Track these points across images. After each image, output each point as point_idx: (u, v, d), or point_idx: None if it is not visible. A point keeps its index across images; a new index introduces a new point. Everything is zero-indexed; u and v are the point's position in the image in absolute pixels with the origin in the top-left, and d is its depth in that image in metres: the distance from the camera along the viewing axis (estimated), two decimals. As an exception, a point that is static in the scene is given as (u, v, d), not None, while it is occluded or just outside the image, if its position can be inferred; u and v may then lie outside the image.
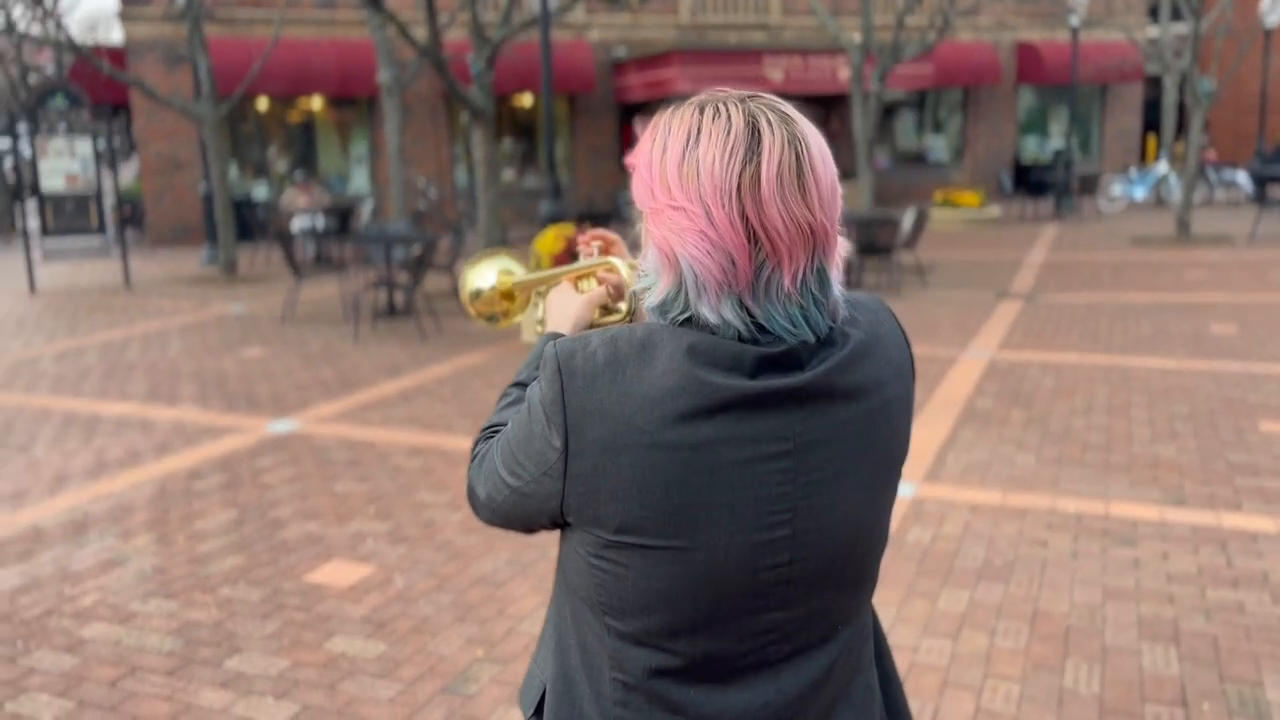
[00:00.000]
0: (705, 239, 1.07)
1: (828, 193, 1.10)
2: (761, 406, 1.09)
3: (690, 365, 1.08)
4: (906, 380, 1.24)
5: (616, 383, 1.09)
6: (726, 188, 1.06)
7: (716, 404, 1.08)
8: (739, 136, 1.07)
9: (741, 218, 1.06)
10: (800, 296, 1.10)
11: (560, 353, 1.13)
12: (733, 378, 1.09)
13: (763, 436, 1.09)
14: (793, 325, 1.10)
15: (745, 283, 1.08)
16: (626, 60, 20.84)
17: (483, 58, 11.05)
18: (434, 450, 5.71)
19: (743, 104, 1.11)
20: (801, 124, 1.12)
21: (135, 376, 7.71)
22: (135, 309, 10.92)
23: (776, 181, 1.06)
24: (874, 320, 1.23)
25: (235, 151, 19.00)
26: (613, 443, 1.09)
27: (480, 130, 11.18)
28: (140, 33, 17.70)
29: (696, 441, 1.08)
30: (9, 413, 6.74)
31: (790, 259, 1.08)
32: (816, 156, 1.09)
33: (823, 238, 1.10)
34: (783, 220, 1.06)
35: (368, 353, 8.38)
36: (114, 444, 5.96)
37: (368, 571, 4.14)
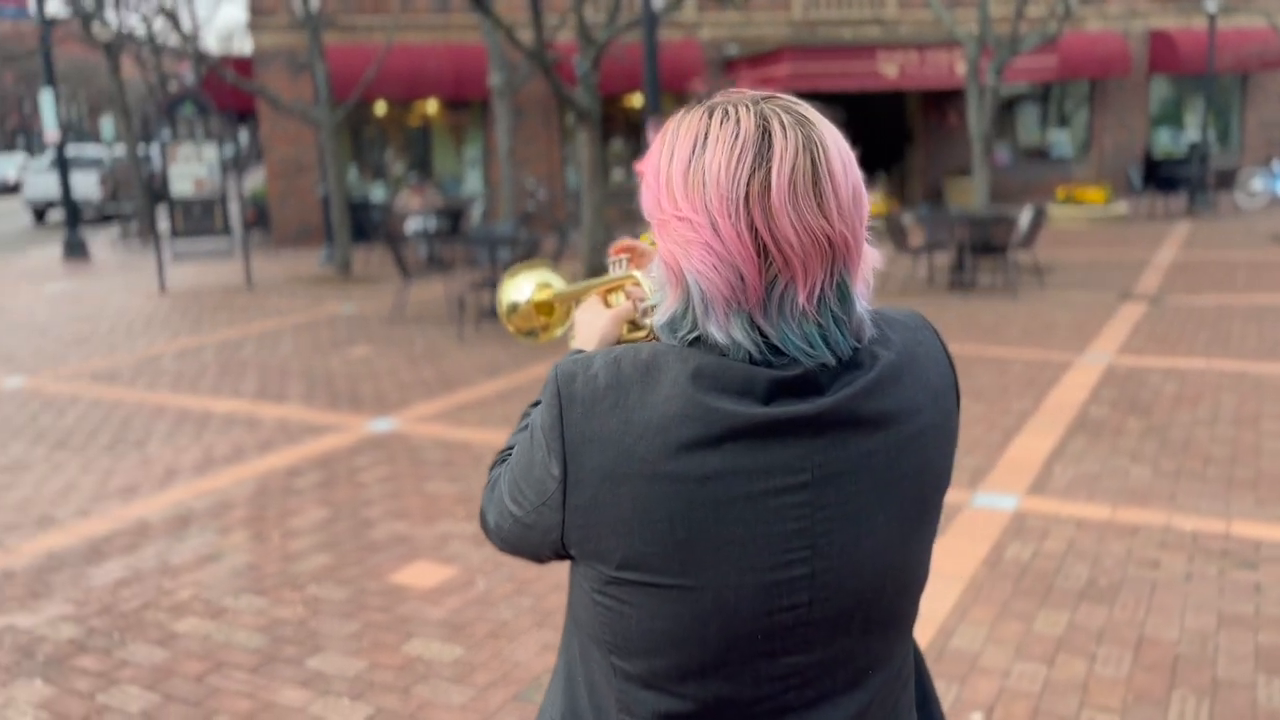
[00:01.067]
0: (711, 252, 0.99)
1: (848, 201, 1.01)
2: (775, 435, 1.01)
3: (695, 390, 1.00)
4: (947, 405, 1.14)
5: (618, 408, 1.02)
6: (733, 196, 0.98)
7: (724, 432, 1.00)
8: (748, 141, 0.99)
9: (750, 229, 0.98)
10: (818, 315, 1.01)
11: (560, 375, 1.07)
12: (743, 404, 1.00)
13: (777, 468, 1.01)
14: (810, 346, 1.01)
15: (756, 300, 1.00)
16: (737, 58, 20.68)
17: (588, 59, 11.08)
18: (526, 452, 5.71)
19: (755, 106, 1.03)
20: (820, 126, 1.02)
21: (247, 374, 7.98)
22: (254, 308, 11.32)
23: (789, 189, 0.98)
24: (910, 340, 1.13)
25: (355, 155, 19.56)
26: (613, 472, 1.01)
27: (586, 131, 11.22)
28: (266, 42, 18.37)
29: (702, 473, 0.99)
30: (129, 409, 7.04)
31: (806, 274, 0.99)
32: (835, 162, 1.00)
33: (843, 250, 1.01)
34: (795, 231, 0.98)
35: (470, 353, 8.49)
36: (221, 441, 6.16)
37: (451, 573, 4.15)
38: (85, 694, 3.31)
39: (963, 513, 4.63)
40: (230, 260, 13.51)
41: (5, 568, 4.35)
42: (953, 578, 3.97)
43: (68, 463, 5.83)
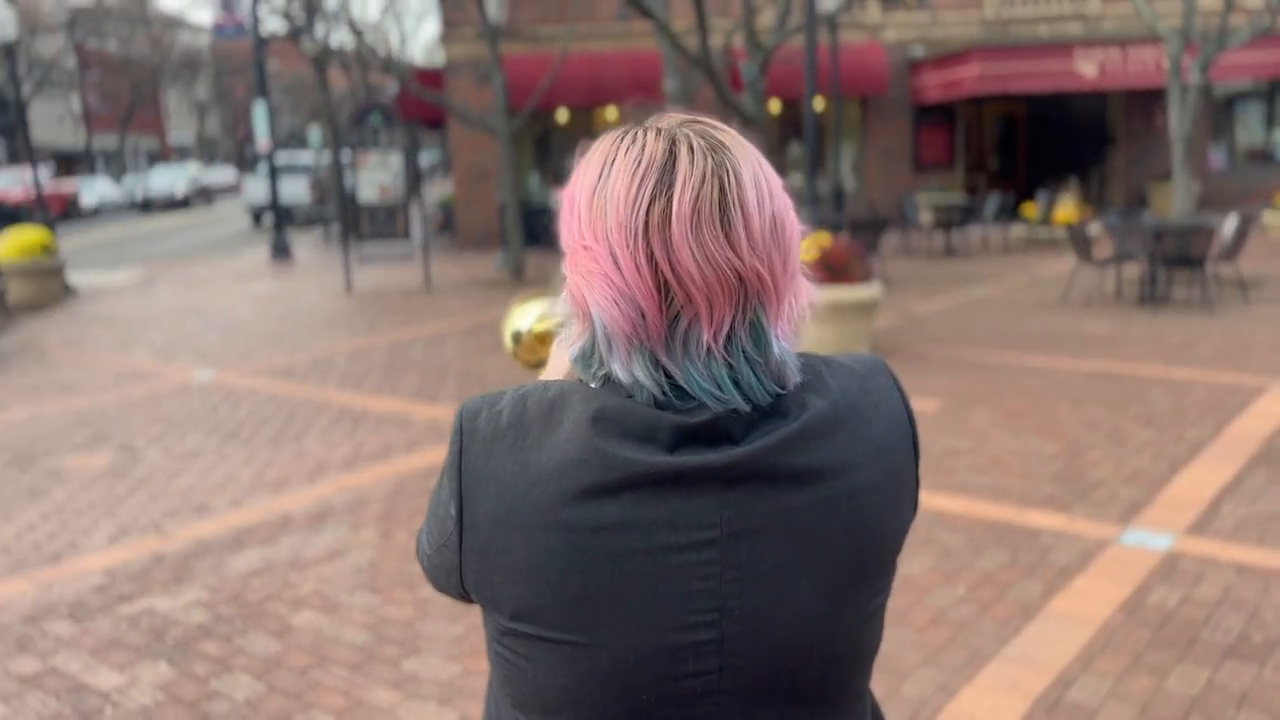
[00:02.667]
0: (611, 285, 0.93)
1: (763, 233, 0.93)
2: (678, 486, 0.93)
3: (595, 434, 0.93)
4: (894, 462, 1.03)
5: (515, 449, 0.96)
6: (632, 226, 0.91)
7: (622, 481, 0.92)
8: (651, 166, 0.92)
9: (649, 260, 0.91)
10: (727, 355, 0.93)
11: (465, 411, 1.02)
12: (644, 451, 0.93)
13: (680, 521, 0.93)
14: (718, 389, 0.93)
15: (658, 337, 0.92)
16: (923, 60, 20.03)
17: (756, 63, 10.97)
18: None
19: (669, 129, 0.96)
20: (736, 152, 0.94)
21: (410, 374, 8.30)
22: (429, 310, 11.80)
23: (691, 219, 0.90)
24: (854, 388, 1.03)
25: (539, 162, 20.12)
26: (506, 518, 0.96)
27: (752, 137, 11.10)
28: (456, 53, 19.15)
29: (598, 523, 0.92)
30: (297, 404, 7.46)
31: (711, 310, 0.92)
32: (749, 190, 0.92)
33: (755, 286, 0.93)
34: (698, 264, 0.90)
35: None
36: (372, 439, 6.43)
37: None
38: (201, 678, 3.50)
39: (1106, 550, 4.28)
40: (415, 263, 14.11)
41: (157, 552, 4.67)
42: (1081, 621, 3.67)
43: (234, 454, 6.22)
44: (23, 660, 3.68)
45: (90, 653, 3.72)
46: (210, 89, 52.10)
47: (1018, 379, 7.44)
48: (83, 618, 4.01)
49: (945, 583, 4.05)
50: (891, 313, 10.44)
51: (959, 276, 13.35)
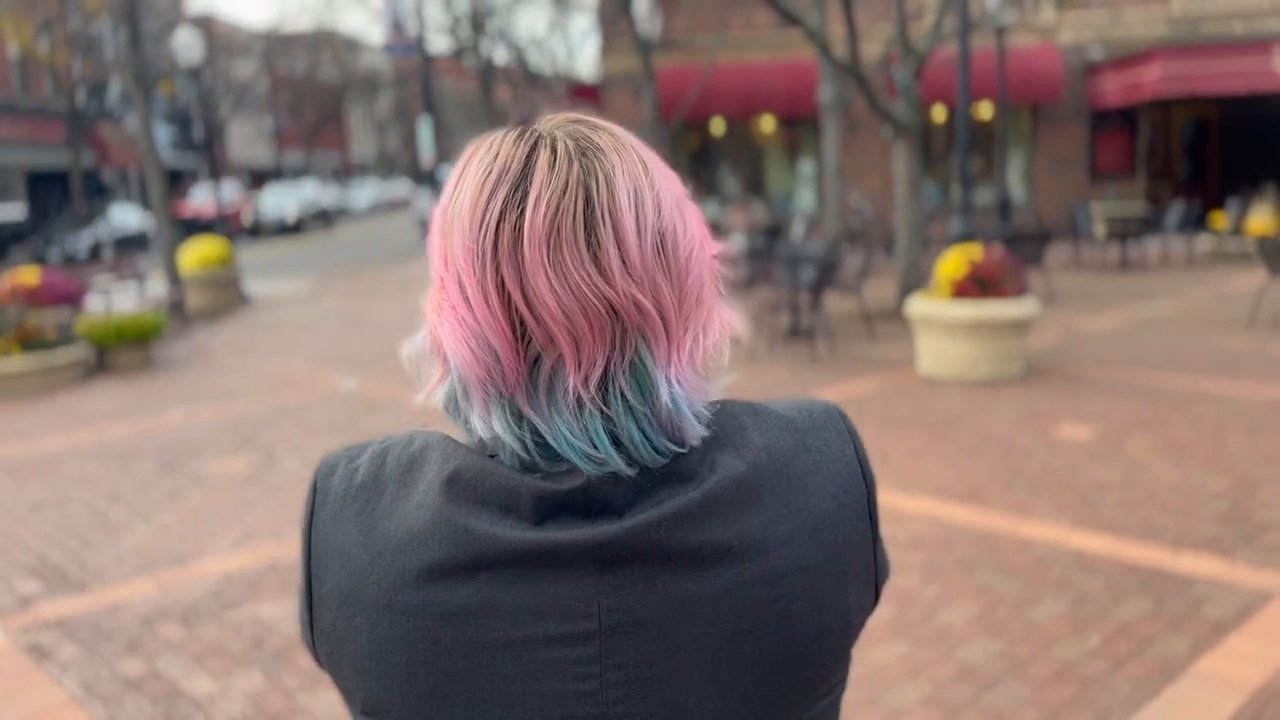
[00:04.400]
0: (461, 320, 0.77)
1: (644, 255, 0.76)
2: (545, 567, 0.76)
3: (445, 501, 0.78)
4: (840, 537, 0.83)
5: (364, 515, 0.81)
6: (479, 249, 0.76)
7: (475, 559, 0.76)
8: (503, 176, 0.76)
9: (499, 290, 0.75)
10: (604, 405, 0.76)
11: (322, 467, 0.88)
12: (503, 524, 0.76)
13: (549, 610, 0.76)
14: (592, 447, 0.76)
15: (517, 383, 0.77)
16: (1101, 63, 18.92)
17: (909, 69, 10.55)
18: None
19: (532, 132, 0.80)
20: (614, 157, 0.77)
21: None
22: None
23: (547, 238, 0.74)
24: (787, 445, 0.84)
25: (693, 173, 20.06)
26: (350, 596, 0.81)
27: (904, 145, 10.68)
28: (613, 66, 19.32)
29: (448, 609, 0.76)
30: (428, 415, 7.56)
31: (578, 350, 0.75)
32: (624, 202, 0.75)
33: (635, 320, 0.76)
34: (555, 293, 0.74)
35: (756, 375, 8.32)
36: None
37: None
38: (288, 692, 3.51)
39: (1270, 605, 3.80)
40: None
41: (274, 559, 4.76)
42: (1232, 686, 3.25)
43: (362, 463, 6.33)
44: (130, 662, 3.79)
45: (193, 657, 3.79)
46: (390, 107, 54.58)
47: (1187, 405, 6.81)
48: (192, 622, 4.11)
49: (1075, 632, 3.68)
50: (1052, 330, 9.81)
51: (1133, 292, 12.47)
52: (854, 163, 18.51)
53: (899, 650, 3.61)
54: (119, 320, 10.00)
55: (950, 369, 7.76)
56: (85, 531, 5.26)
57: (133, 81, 13.31)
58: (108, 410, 8.28)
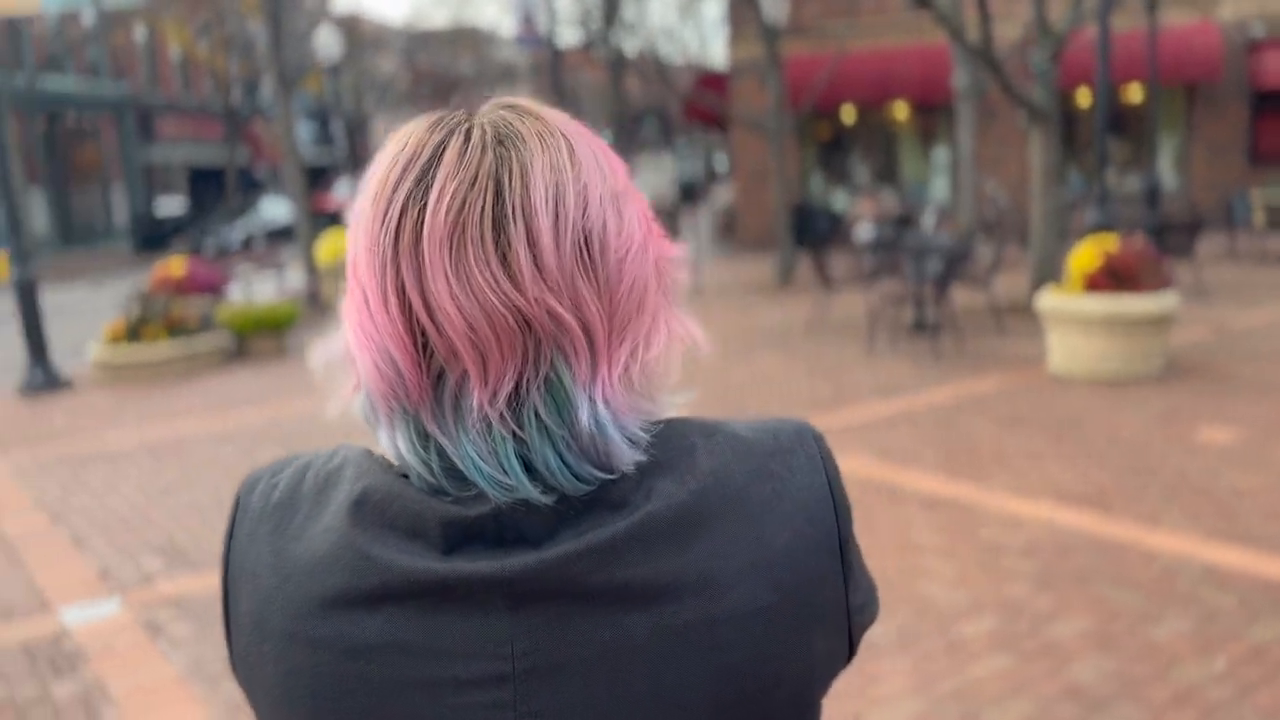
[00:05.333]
0: (362, 328, 0.71)
1: (563, 258, 0.68)
2: (452, 602, 0.69)
3: (352, 524, 0.72)
4: (802, 575, 0.75)
5: (276, 535, 0.76)
6: (379, 249, 0.69)
7: (378, 590, 0.70)
8: (409, 166, 0.70)
9: (399, 295, 0.68)
10: (516, 426, 0.69)
11: (245, 482, 0.83)
12: (408, 551, 0.70)
13: (458, 649, 0.69)
14: (501, 472, 0.69)
15: (421, 398, 0.70)
16: (1263, 41, 17.69)
17: (1046, 52, 10.06)
18: (883, 485, 5.28)
19: (453, 117, 0.73)
20: (536, 145, 0.70)
21: (657, 379, 8.27)
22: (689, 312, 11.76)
23: (449, 238, 0.67)
24: (743, 470, 0.75)
25: (822, 161, 19.70)
26: (260, 622, 0.75)
27: (1040, 132, 10.20)
28: (741, 54, 19.11)
29: (352, 643, 0.70)
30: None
31: (483, 365, 0.68)
32: (539, 198, 0.68)
33: (550, 332, 0.68)
34: (456, 301, 0.66)
35: (874, 369, 8.08)
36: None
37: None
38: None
39: None
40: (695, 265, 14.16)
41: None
42: (1374, 723, 2.95)
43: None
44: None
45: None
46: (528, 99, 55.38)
47: (1346, 409, 6.28)
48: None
49: (1200, 653, 3.42)
50: (1199, 326, 9.22)
51: (1293, 285, 11.62)
52: (990, 150, 17.82)
53: (1002, 663, 3.42)
54: (257, 310, 10.44)
55: (1081, 366, 7.37)
56: (210, 513, 5.48)
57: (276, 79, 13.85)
58: (241, 396, 8.64)
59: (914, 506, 4.93)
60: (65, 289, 20.13)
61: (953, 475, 5.36)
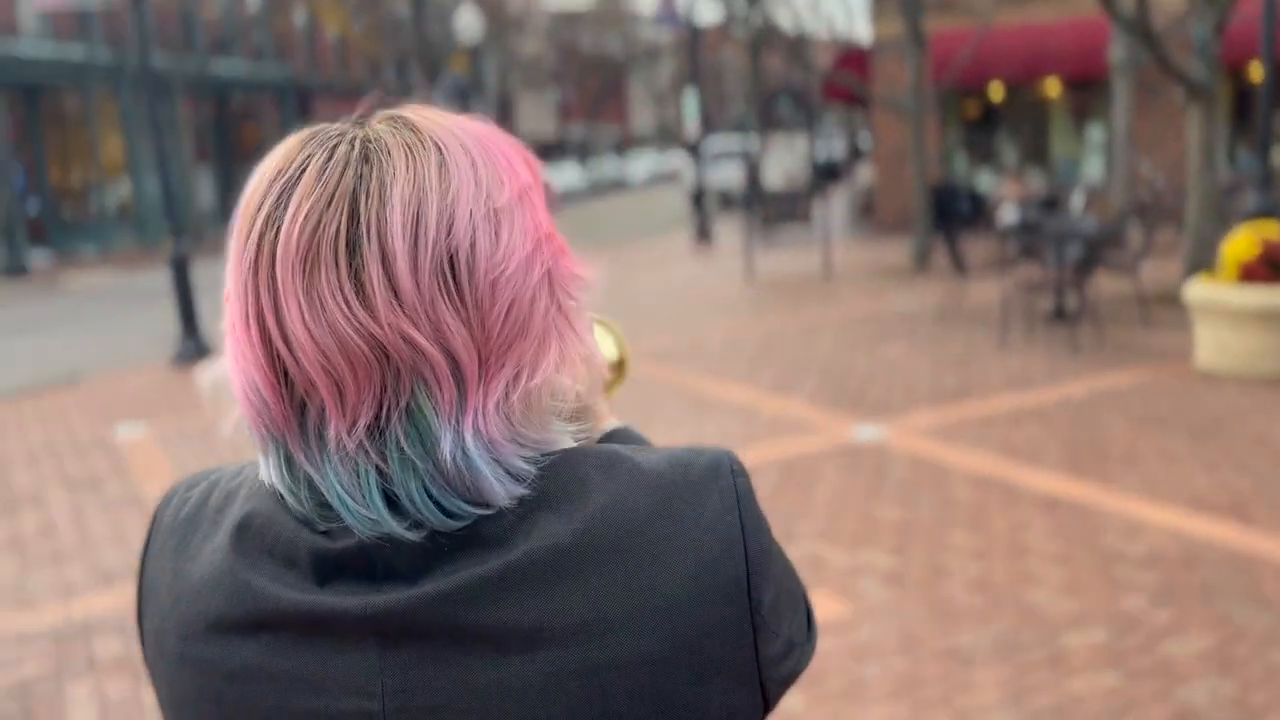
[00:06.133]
0: (233, 352, 0.69)
1: (422, 283, 0.64)
2: (323, 635, 0.67)
3: (232, 548, 0.71)
4: (700, 624, 0.69)
5: (178, 553, 0.75)
6: (241, 268, 0.67)
7: (254, 618, 0.69)
8: (273, 183, 0.67)
9: (258, 319, 0.66)
10: (378, 457, 0.66)
11: (165, 493, 0.83)
12: (283, 580, 0.68)
13: (332, 684, 0.67)
14: (365, 506, 0.66)
15: (286, 425, 0.67)
16: None
17: (1207, 22, 9.39)
18: (1000, 483, 5.05)
19: (327, 131, 0.69)
20: (397, 161, 0.65)
21: (773, 364, 8.15)
22: (820, 298, 11.56)
23: (300, 261, 0.64)
24: (642, 507, 0.70)
25: (967, 140, 19.00)
26: (158, 639, 0.75)
27: (1198, 109, 9.54)
28: (885, 30, 18.55)
29: (233, 668, 0.69)
30: (659, 388, 7.62)
31: (339, 396, 0.65)
32: (397, 219, 0.63)
33: (408, 361, 0.64)
34: (309, 329, 0.63)
35: (1005, 360, 7.74)
36: (711, 429, 6.37)
37: (841, 610, 3.81)
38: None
39: None
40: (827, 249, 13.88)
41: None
42: None
43: (584, 433, 6.47)
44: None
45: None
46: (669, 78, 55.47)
47: None
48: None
49: (1332, 684, 3.14)
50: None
51: None
52: (1149, 128, 16.81)
53: (1107, 680, 3.23)
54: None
55: (1231, 363, 6.88)
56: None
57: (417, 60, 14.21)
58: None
59: (1031, 507, 4.70)
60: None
61: (1077, 476, 5.09)
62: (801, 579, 0.88)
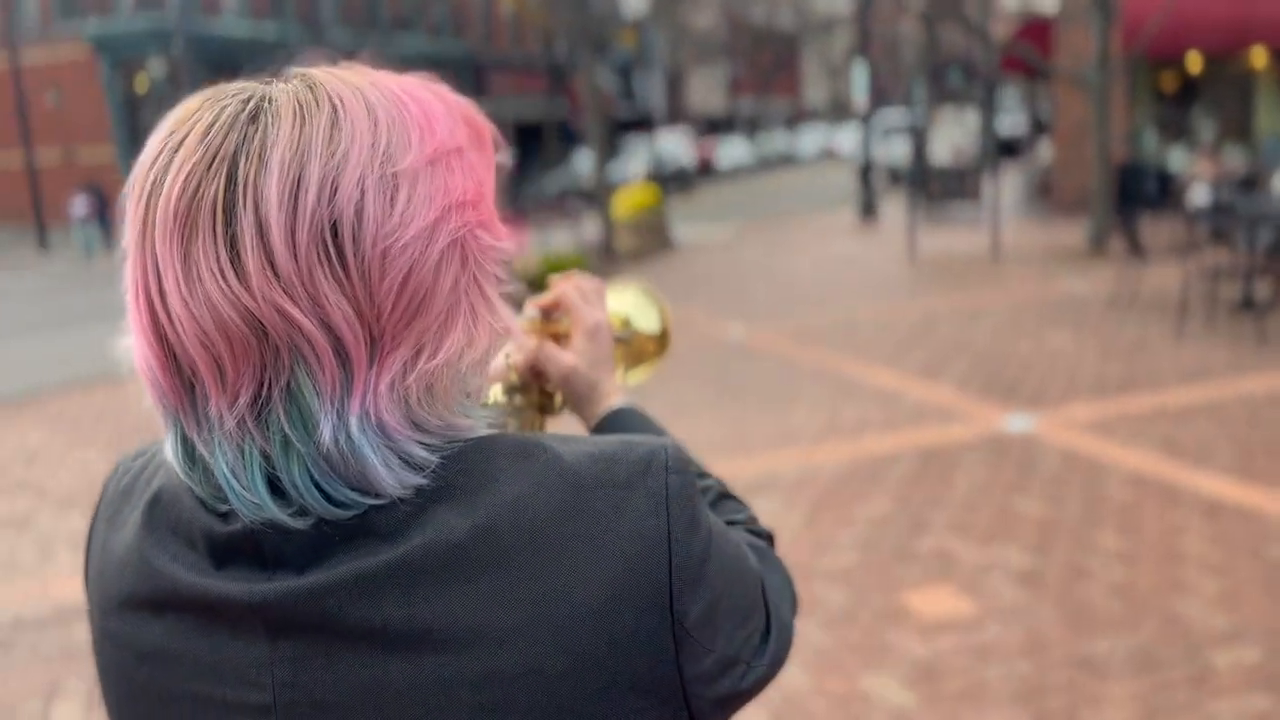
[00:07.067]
0: (131, 323, 0.67)
1: (297, 252, 0.59)
2: (217, 621, 0.65)
3: (143, 525, 0.70)
4: (599, 638, 0.64)
5: (110, 524, 0.75)
6: (131, 231, 0.64)
7: (157, 597, 0.67)
8: (165, 145, 0.63)
9: (145, 291, 0.63)
10: (263, 440, 0.62)
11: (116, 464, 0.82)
12: (183, 561, 0.67)
13: (227, 671, 0.66)
14: (248, 490, 0.63)
15: (179, 403, 0.65)
16: None
17: None
18: (1159, 483, 4.70)
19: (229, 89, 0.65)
20: (284, 122, 0.61)
21: (923, 348, 7.85)
22: (984, 280, 11.05)
23: (177, 230, 0.60)
24: (550, 505, 0.65)
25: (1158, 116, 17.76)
26: (90, 612, 0.75)
27: None
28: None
29: (142, 646, 0.68)
30: (802, 368, 7.46)
31: (219, 373, 0.61)
32: (275, 184, 0.59)
33: (285, 337, 0.60)
34: (185, 301, 0.60)
35: (1180, 351, 7.21)
36: (851, 413, 6.18)
37: (965, 608, 3.63)
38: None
39: None
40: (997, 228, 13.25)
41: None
42: None
43: (723, 410, 6.41)
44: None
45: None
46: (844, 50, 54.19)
47: None
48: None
49: None
50: None
51: None
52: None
53: (1257, 705, 2.96)
54: (549, 260, 10.94)
55: None
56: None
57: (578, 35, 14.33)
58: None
59: (1191, 511, 4.36)
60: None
61: (1247, 480, 4.69)
62: (780, 590, 0.81)
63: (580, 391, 0.99)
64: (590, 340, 1.01)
